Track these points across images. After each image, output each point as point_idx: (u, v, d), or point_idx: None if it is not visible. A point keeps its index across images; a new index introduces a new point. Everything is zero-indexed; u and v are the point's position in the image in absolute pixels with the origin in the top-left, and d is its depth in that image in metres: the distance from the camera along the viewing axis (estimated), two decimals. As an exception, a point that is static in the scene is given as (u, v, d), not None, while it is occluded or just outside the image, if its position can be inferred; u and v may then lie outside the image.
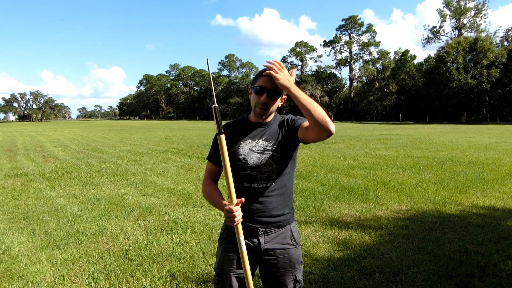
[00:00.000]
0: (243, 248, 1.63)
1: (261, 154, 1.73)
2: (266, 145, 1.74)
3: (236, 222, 1.60)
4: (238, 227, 1.61)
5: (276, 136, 1.76)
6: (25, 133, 29.36)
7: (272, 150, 1.73)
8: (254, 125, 1.79)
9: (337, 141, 16.36)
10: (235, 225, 1.61)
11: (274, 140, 1.75)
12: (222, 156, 1.58)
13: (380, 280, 3.03)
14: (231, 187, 1.60)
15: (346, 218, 4.80)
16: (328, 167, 8.90)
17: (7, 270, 3.38)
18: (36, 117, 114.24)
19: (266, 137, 1.76)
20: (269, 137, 1.76)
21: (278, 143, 1.74)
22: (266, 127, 1.78)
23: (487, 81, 40.32)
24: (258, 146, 1.74)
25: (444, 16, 52.26)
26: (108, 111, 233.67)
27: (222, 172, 1.73)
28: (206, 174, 1.90)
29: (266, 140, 1.75)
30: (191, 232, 4.34)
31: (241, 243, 1.62)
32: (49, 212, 5.33)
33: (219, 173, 1.88)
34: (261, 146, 1.74)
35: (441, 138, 17.05)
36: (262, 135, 1.76)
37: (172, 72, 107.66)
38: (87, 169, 9.36)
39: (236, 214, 1.58)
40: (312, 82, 65.98)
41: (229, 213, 1.59)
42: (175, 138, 20.07)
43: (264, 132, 1.77)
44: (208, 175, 1.89)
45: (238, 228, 1.62)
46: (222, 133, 1.57)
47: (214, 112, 1.55)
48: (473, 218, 4.68)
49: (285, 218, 1.79)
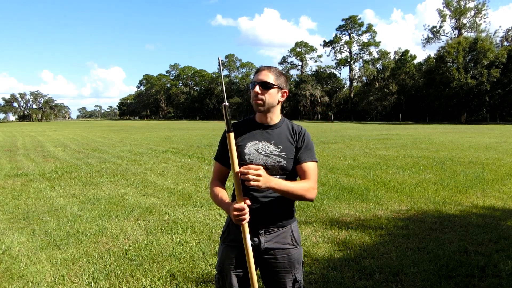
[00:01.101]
0: (249, 247, 1.62)
1: (267, 157, 1.73)
2: (273, 149, 1.75)
3: (245, 221, 1.59)
4: (244, 226, 1.61)
5: (284, 143, 1.77)
6: (25, 133, 29.36)
7: (279, 155, 1.74)
8: (260, 126, 1.80)
9: (337, 141, 16.37)
10: (242, 224, 1.60)
11: (282, 147, 1.76)
12: (230, 155, 1.58)
13: (380, 280, 3.03)
14: (239, 185, 1.60)
15: (346, 218, 4.80)
16: (328, 167, 8.90)
17: (7, 270, 3.38)
18: (36, 117, 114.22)
19: (275, 141, 1.77)
20: (278, 142, 1.77)
21: (286, 151, 1.76)
22: (273, 129, 1.79)
23: (487, 81, 40.32)
24: (265, 149, 1.75)
25: (444, 16, 52.26)
26: (108, 111, 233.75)
27: (230, 172, 1.72)
28: (214, 175, 1.89)
29: (274, 145, 1.76)
30: (191, 232, 4.34)
31: (248, 242, 1.62)
32: (49, 212, 5.33)
33: (226, 173, 1.88)
34: (268, 149, 1.75)
35: (441, 138, 17.04)
36: (269, 138, 1.77)
37: (172, 72, 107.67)
38: (87, 169, 9.36)
39: (246, 212, 1.58)
40: (312, 82, 66.02)
41: (239, 211, 1.57)
42: (175, 138, 20.07)
43: (272, 135, 1.78)
44: (215, 175, 1.88)
45: (244, 227, 1.61)
46: (231, 131, 1.58)
47: (224, 110, 1.58)
48: (473, 218, 4.68)
49: (286, 218, 1.79)
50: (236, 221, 1.60)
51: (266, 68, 1.78)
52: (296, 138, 1.79)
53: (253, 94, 1.75)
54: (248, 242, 1.62)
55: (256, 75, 1.78)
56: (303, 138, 1.80)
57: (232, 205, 1.61)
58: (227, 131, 1.59)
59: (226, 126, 1.58)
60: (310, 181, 1.73)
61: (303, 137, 1.80)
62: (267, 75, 1.74)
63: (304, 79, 68.85)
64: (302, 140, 1.79)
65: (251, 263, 1.63)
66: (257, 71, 1.79)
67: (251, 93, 1.77)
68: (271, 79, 1.74)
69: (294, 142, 1.78)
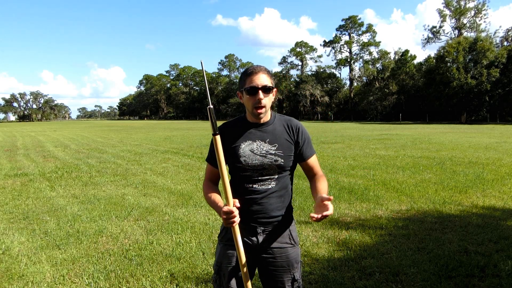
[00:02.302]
0: (241, 248, 1.62)
1: (263, 157, 1.71)
2: (269, 148, 1.72)
3: (235, 223, 1.58)
4: (235, 227, 1.60)
5: (280, 140, 1.74)
6: (25, 133, 29.35)
7: (275, 154, 1.72)
8: (252, 125, 1.77)
9: (337, 141, 16.36)
10: (233, 226, 1.59)
11: (278, 145, 1.73)
12: (217, 157, 1.57)
13: (380, 280, 3.03)
14: (227, 188, 1.58)
15: (346, 218, 4.80)
16: (328, 167, 8.90)
17: (7, 270, 3.38)
18: (36, 117, 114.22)
19: (269, 139, 1.73)
20: (273, 140, 1.73)
21: (282, 148, 1.73)
22: (266, 127, 1.76)
23: (487, 81, 40.31)
24: (260, 149, 1.72)
25: (444, 16, 52.24)
26: (108, 111, 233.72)
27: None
28: (206, 175, 1.88)
29: (269, 143, 1.73)
30: (191, 232, 4.34)
31: (239, 243, 1.62)
32: (49, 212, 5.33)
33: (218, 174, 1.87)
34: (263, 149, 1.72)
35: (441, 138, 17.04)
36: (264, 137, 1.74)
37: (172, 72, 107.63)
38: (87, 169, 9.36)
39: (235, 214, 1.56)
40: (312, 82, 65.99)
41: (228, 214, 1.56)
42: (175, 138, 20.06)
43: (266, 134, 1.74)
44: (207, 176, 1.87)
45: (234, 229, 1.61)
46: (217, 134, 1.57)
47: (209, 113, 1.56)
48: (473, 218, 4.68)
49: (284, 218, 1.79)
50: (226, 224, 1.59)
51: (260, 70, 1.69)
52: (295, 134, 1.77)
53: (254, 101, 1.67)
54: (240, 243, 1.62)
55: (250, 78, 1.67)
56: (302, 134, 1.78)
57: (222, 208, 1.59)
58: (213, 134, 1.58)
59: (212, 129, 1.57)
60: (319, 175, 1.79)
61: (302, 133, 1.78)
62: (265, 78, 1.68)
63: (304, 79, 68.82)
64: (302, 136, 1.78)
65: (243, 262, 1.64)
66: (250, 74, 1.68)
67: (246, 99, 1.70)
68: (269, 82, 1.69)
69: (293, 140, 1.76)
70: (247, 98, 1.69)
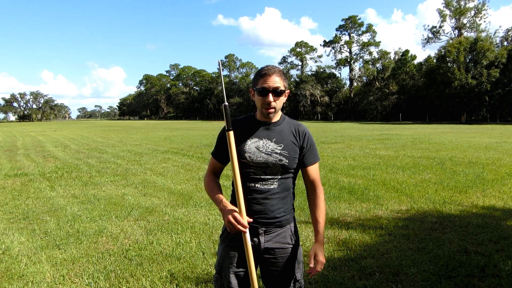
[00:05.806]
0: (249, 247, 1.63)
1: (268, 155, 1.71)
2: (275, 147, 1.73)
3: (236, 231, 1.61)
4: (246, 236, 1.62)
5: (286, 141, 1.75)
6: (25, 133, 29.35)
7: (280, 154, 1.72)
8: (261, 123, 1.78)
9: (337, 141, 16.37)
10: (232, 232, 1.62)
11: (284, 145, 1.74)
12: (230, 153, 1.59)
13: (380, 280, 3.03)
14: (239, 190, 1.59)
15: (346, 218, 4.80)
16: (328, 167, 8.90)
17: (7, 270, 3.38)
18: (36, 117, 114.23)
19: (276, 139, 1.74)
20: (280, 140, 1.74)
21: (287, 149, 1.74)
22: (274, 127, 1.77)
23: (487, 81, 40.32)
24: (266, 147, 1.73)
25: (444, 16, 52.21)
26: (108, 111, 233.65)
27: (227, 172, 1.74)
28: (209, 167, 1.90)
29: (275, 143, 1.74)
30: (191, 232, 4.34)
31: (248, 242, 1.62)
32: (49, 212, 5.33)
33: (221, 169, 1.89)
34: (269, 148, 1.73)
35: (441, 138, 17.04)
36: (270, 136, 1.75)
37: (172, 72, 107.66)
38: (87, 169, 9.36)
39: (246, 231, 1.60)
40: (312, 82, 65.98)
41: (235, 221, 1.59)
42: (175, 138, 20.06)
43: (273, 133, 1.76)
44: (210, 169, 1.89)
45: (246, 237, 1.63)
46: (231, 130, 1.59)
47: (223, 110, 1.60)
48: (473, 218, 4.68)
49: (285, 218, 1.79)
50: (229, 229, 1.62)
51: (274, 71, 1.68)
52: (301, 139, 1.78)
53: (264, 102, 1.68)
54: (248, 242, 1.63)
55: (263, 79, 1.67)
56: (307, 139, 1.79)
57: (232, 212, 1.61)
58: (226, 130, 1.60)
59: (226, 125, 1.59)
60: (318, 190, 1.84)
61: (308, 139, 1.79)
62: (277, 81, 1.67)
63: (304, 79, 68.81)
64: (307, 141, 1.79)
65: (251, 263, 1.64)
66: (264, 75, 1.68)
67: (257, 98, 1.71)
68: (282, 85, 1.69)
69: (298, 143, 1.77)
70: (258, 98, 1.71)
